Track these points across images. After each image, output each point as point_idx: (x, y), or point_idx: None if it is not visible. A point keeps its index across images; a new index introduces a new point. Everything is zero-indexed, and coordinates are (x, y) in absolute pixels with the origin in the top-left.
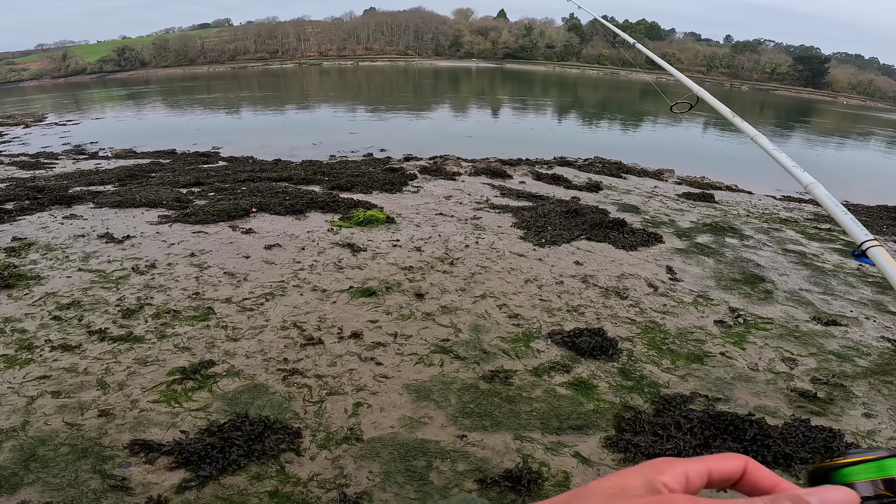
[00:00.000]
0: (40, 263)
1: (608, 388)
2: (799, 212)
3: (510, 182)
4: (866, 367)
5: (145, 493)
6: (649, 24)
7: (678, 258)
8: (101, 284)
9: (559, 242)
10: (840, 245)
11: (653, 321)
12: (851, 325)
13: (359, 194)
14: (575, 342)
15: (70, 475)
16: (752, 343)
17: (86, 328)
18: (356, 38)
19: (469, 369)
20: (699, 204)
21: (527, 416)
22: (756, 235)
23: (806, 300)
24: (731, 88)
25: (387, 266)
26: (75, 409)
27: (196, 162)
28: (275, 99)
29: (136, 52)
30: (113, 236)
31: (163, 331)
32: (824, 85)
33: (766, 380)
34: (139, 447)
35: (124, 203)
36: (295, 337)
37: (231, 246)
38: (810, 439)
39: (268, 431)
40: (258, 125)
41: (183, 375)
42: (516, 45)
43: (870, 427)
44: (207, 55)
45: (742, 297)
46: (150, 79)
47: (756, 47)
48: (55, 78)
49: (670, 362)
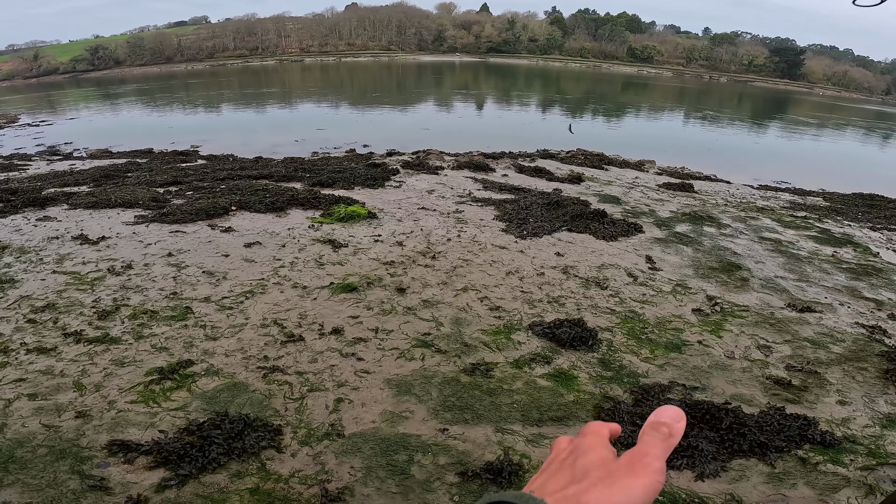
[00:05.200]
0: (14, 266)
1: (588, 378)
2: (775, 200)
3: (493, 175)
4: (840, 353)
5: (125, 492)
6: (630, 17)
7: (657, 247)
8: (76, 286)
9: (540, 234)
10: (815, 233)
11: (632, 311)
12: (826, 312)
13: (340, 190)
14: (555, 333)
15: (49, 476)
16: (729, 331)
17: (61, 330)
18: (338, 34)
19: (450, 363)
20: (679, 194)
21: (507, 409)
22: (733, 224)
23: (781, 287)
24: (710, 80)
25: (368, 261)
26: (52, 410)
27: (174, 161)
28: (256, 96)
29: (110, 51)
30: (88, 238)
31: (140, 331)
32: (800, 76)
33: (742, 368)
34: (117, 447)
35: (99, 204)
36: (275, 334)
37: (210, 245)
38: (785, 427)
39: (248, 429)
40: (239, 123)
41: (161, 375)
42: (499, 39)
43: (844, 414)
44: (185, 53)
45: (719, 285)
46: (126, 77)
47: (734, 39)
48: (27, 78)
49: (649, 352)
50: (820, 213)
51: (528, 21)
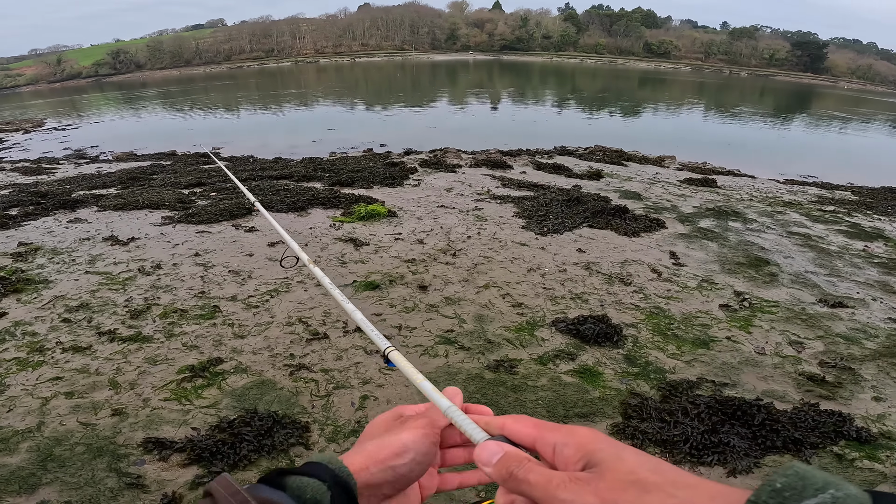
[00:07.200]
0: (47, 267)
1: (614, 374)
2: (803, 195)
3: (511, 172)
4: (874, 349)
5: (160, 489)
6: (645, 12)
7: (681, 243)
8: (109, 286)
9: (561, 231)
10: (845, 227)
11: (657, 307)
12: (858, 307)
13: (360, 189)
14: (579, 329)
15: (87, 474)
16: (759, 327)
17: (95, 329)
18: (352, 35)
19: (474, 359)
20: (701, 189)
21: (532, 405)
22: (760, 219)
23: (812, 282)
24: (730, 75)
25: (390, 259)
26: (89, 409)
27: (197, 163)
28: (272, 98)
29: (131, 55)
30: (118, 238)
31: (171, 330)
32: (823, 70)
33: (773, 364)
34: (152, 445)
35: (127, 205)
36: (300, 332)
37: (234, 244)
38: (820, 424)
39: (277, 426)
40: (257, 125)
41: (192, 373)
42: (513, 37)
43: (879, 411)
44: (203, 56)
45: (747, 281)
46: (147, 81)
47: (753, 33)
48: (51, 83)
49: (676, 348)
50: (849, 208)
51: (541, 18)
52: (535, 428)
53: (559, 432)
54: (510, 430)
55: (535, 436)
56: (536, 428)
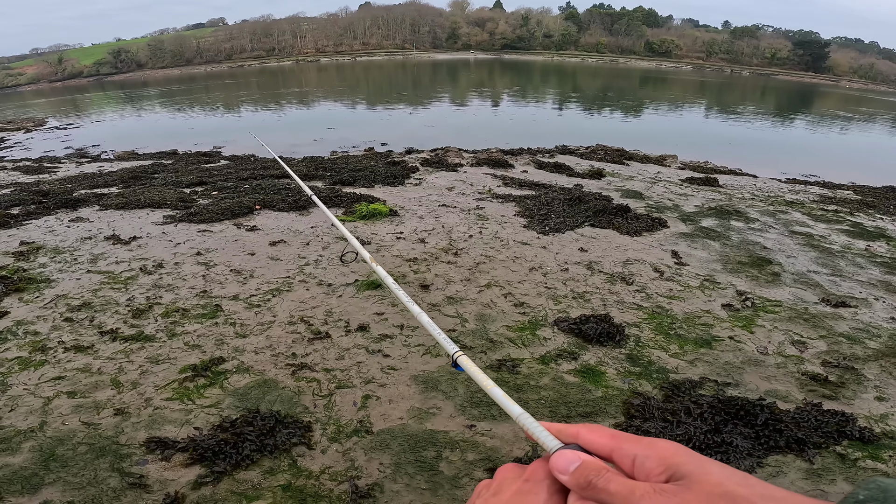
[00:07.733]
0: (49, 266)
1: (616, 374)
2: (804, 194)
3: (512, 171)
4: (877, 349)
5: (163, 489)
6: (647, 11)
7: (683, 242)
8: (111, 285)
9: (563, 230)
10: (847, 226)
11: (659, 306)
12: (861, 307)
13: (361, 188)
14: (581, 329)
15: (89, 474)
16: (761, 326)
17: (97, 329)
18: (352, 34)
19: (476, 359)
20: (703, 188)
21: (535, 405)
22: (762, 218)
23: (814, 282)
24: (731, 74)
25: (391, 258)
26: (91, 408)
27: (198, 162)
28: (273, 97)
29: (132, 54)
30: (119, 237)
31: (173, 329)
32: (825, 69)
33: (776, 363)
34: (155, 444)
35: (129, 204)
36: (302, 331)
37: (236, 243)
38: (823, 423)
39: (279, 426)
40: (258, 123)
41: (194, 373)
42: (514, 36)
43: (882, 411)
44: (204, 55)
45: (749, 280)
46: (148, 80)
47: (755, 32)
48: (52, 82)
49: (678, 347)
50: (851, 207)
51: (542, 17)
52: (612, 438)
53: (639, 444)
54: (585, 440)
55: (612, 446)
56: (613, 438)
